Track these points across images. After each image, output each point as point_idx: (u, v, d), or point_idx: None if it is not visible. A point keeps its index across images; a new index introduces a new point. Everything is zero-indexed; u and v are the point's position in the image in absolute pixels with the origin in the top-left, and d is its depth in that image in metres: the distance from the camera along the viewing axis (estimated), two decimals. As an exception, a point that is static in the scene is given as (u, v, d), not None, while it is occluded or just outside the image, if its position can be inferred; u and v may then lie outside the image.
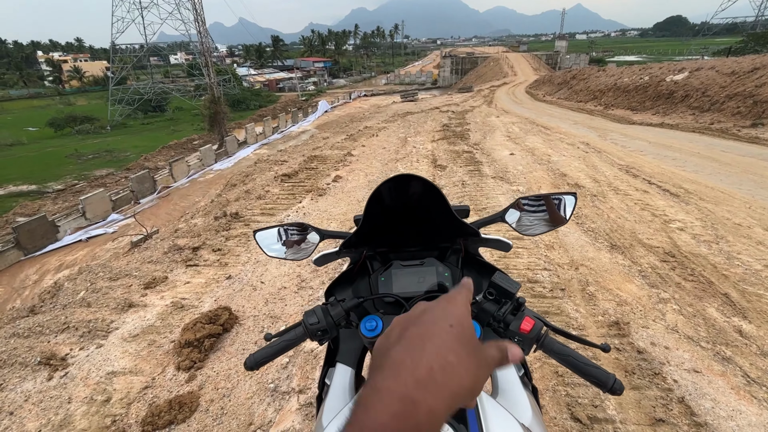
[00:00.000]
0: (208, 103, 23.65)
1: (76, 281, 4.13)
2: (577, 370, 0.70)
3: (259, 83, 57.87)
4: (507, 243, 1.00)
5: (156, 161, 19.96)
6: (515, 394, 0.82)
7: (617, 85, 17.09)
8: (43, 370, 2.60)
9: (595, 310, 2.86)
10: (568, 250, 3.81)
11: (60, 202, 14.75)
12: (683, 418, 1.97)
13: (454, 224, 0.90)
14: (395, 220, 0.92)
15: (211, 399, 2.29)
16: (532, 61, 54.53)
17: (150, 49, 45.47)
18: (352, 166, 7.95)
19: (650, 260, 3.51)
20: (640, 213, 4.62)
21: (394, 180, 0.81)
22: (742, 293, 2.95)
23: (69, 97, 57.31)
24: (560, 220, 0.97)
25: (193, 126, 30.89)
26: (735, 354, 2.35)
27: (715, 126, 10.23)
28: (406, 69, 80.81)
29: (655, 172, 6.24)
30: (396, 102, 30.61)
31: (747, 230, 4.01)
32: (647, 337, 2.53)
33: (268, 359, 0.82)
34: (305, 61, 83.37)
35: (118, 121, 35.81)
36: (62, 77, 71.98)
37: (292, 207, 5.74)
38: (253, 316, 3.11)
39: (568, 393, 2.13)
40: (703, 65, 14.27)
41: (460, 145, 9.13)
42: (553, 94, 22.91)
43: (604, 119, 13.69)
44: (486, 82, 42.12)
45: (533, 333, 0.71)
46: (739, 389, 2.11)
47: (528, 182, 6.02)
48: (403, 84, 60.04)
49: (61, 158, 22.99)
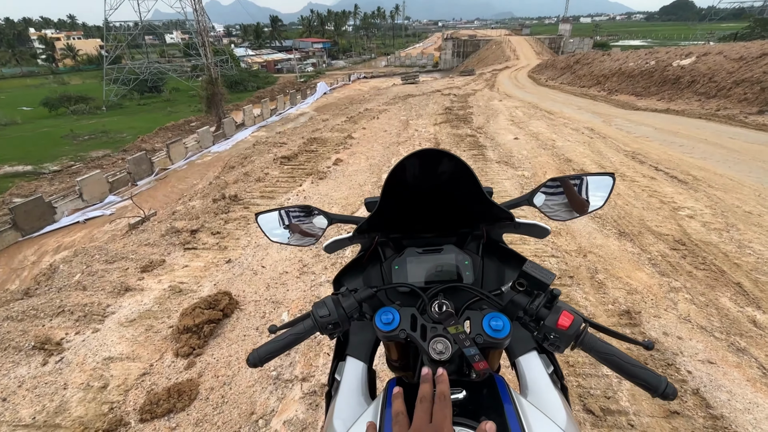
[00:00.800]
0: (205, 84, 23.16)
1: (72, 263, 4.04)
2: (623, 371, 0.62)
3: (257, 64, 56.77)
4: (544, 228, 0.89)
5: (153, 143, 19.65)
6: (546, 394, 0.74)
7: (622, 70, 16.78)
8: (37, 354, 2.53)
9: (605, 298, 2.79)
10: (576, 236, 3.72)
11: (56, 183, 14.55)
12: (699, 410, 1.91)
13: (483, 207, 0.80)
14: (415, 202, 0.81)
15: (211, 387, 2.23)
16: (534, 44, 53.53)
17: (145, 27, 44.30)
18: (352, 149, 7.79)
19: (660, 248, 3.43)
20: (648, 200, 4.52)
21: (417, 155, 0.70)
22: (755, 282, 2.88)
23: (63, 76, 56.15)
24: (594, 203, 0.87)
25: (191, 107, 30.36)
26: (750, 345, 2.29)
27: (721, 112, 10.05)
28: (406, 51, 79.31)
29: (662, 159, 6.12)
30: (396, 84, 30.10)
31: (758, 218, 3.93)
32: (659, 326, 2.47)
33: (274, 354, 0.74)
34: (304, 42, 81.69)
35: (113, 102, 35.13)
36: (55, 55, 70.39)
37: (292, 190, 5.62)
38: (254, 301, 3.03)
39: (579, 384, 2.08)
40: (711, 50, 13.98)
41: (463, 128, 8.96)
42: (556, 79, 22.53)
43: (608, 105, 13.47)
44: (488, 65, 41.41)
45: (572, 329, 0.63)
46: (756, 381, 2.06)
47: (533, 167, 5.90)
48: (404, 66, 59.04)
49: (57, 139, 22.61)
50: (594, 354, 0.65)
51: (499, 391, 0.66)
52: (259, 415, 2.03)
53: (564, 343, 0.65)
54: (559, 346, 0.66)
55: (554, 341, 0.66)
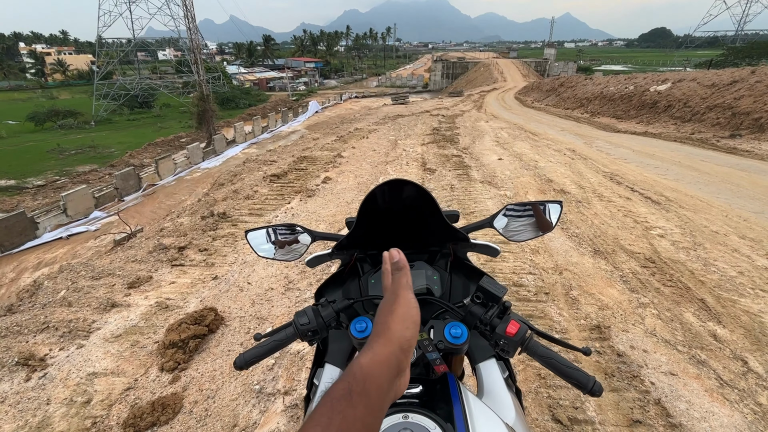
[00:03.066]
0: (196, 101, 23.33)
1: (57, 280, 4.04)
2: (559, 372, 0.72)
3: (250, 82, 57.32)
4: (495, 248, 1.02)
5: (141, 158, 19.59)
6: (500, 395, 0.85)
7: (603, 94, 17.47)
8: (20, 370, 2.54)
9: (578, 314, 2.92)
10: (553, 254, 3.88)
11: (40, 198, 14.35)
12: (659, 419, 2.03)
13: (445, 229, 0.92)
14: (387, 223, 0.94)
15: (195, 400, 2.27)
16: (521, 67, 55.30)
17: (137, 44, 44.64)
18: (341, 168, 7.95)
19: (631, 266, 3.61)
20: (623, 219, 4.73)
21: (388, 184, 0.83)
22: (718, 299, 3.05)
23: (52, 90, 55.81)
24: (547, 226, 1.01)
25: (181, 123, 30.40)
26: (709, 357, 2.44)
27: (695, 136, 10.54)
28: (397, 72, 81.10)
29: (638, 180, 6.40)
30: (387, 104, 30.68)
31: (723, 238, 4.15)
32: (627, 340, 2.60)
33: (258, 359, 0.83)
34: (296, 61, 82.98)
35: (102, 117, 35.02)
36: (45, 70, 70.16)
37: (280, 207, 5.71)
38: (239, 317, 3.09)
39: (550, 395, 2.18)
40: (685, 77, 14.70)
41: (449, 149, 9.21)
42: (542, 101, 23.27)
43: (591, 127, 13.97)
44: (476, 87, 42.54)
45: (518, 336, 0.73)
46: (713, 391, 2.19)
47: (515, 187, 6.11)
48: (394, 86, 60.21)
49: (42, 153, 22.37)
50: (537, 358, 0.76)
51: (450, 387, 0.77)
52: (241, 427, 2.07)
53: (512, 348, 0.76)
54: (508, 351, 0.76)
55: (504, 346, 0.76)
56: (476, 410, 0.70)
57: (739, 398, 2.14)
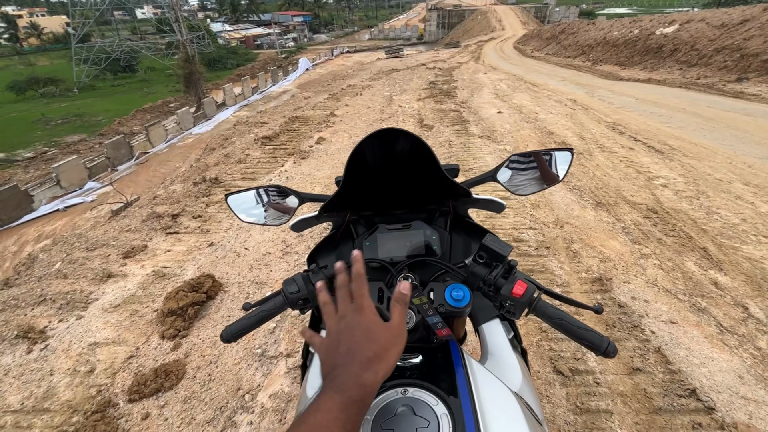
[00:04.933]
0: (182, 63, 22.28)
1: (51, 252, 3.99)
2: (571, 333, 0.67)
3: (236, 40, 54.66)
4: (500, 203, 0.94)
5: (131, 126, 19.02)
6: (504, 358, 0.80)
7: (606, 40, 16.68)
8: (21, 343, 2.54)
9: (579, 267, 2.90)
10: (554, 208, 3.81)
11: (32, 170, 14.10)
12: (659, 366, 2.04)
13: (444, 184, 0.83)
14: (379, 180, 0.84)
15: (197, 366, 2.28)
16: (520, 14, 52.49)
17: (113, 1, 41.97)
18: (335, 127, 7.69)
19: (633, 217, 3.55)
20: (625, 170, 4.62)
21: (377, 135, 0.72)
22: (720, 246, 3.02)
23: (29, 56, 53.24)
24: (554, 178, 0.92)
25: (168, 87, 29.32)
26: (710, 305, 2.43)
27: (701, 81, 10.15)
28: (390, 23, 77.08)
29: (641, 129, 6.21)
30: (380, 58, 29.43)
31: (727, 185, 4.07)
32: (628, 291, 2.59)
33: (246, 330, 0.78)
34: (283, 15, 78.52)
35: (85, 83, 33.65)
36: (18, 35, 66.44)
37: (274, 171, 5.57)
38: (237, 283, 3.07)
39: (551, 347, 2.19)
40: (694, 17, 13.93)
41: (447, 103, 8.89)
42: (542, 50, 22.30)
43: (592, 75, 13.46)
44: (473, 36, 40.62)
45: (525, 297, 0.68)
46: (712, 338, 2.20)
47: (515, 141, 5.93)
48: (388, 39, 57.55)
49: (28, 124, 21.74)
50: (545, 319, 0.70)
51: (452, 355, 0.71)
52: (245, 390, 2.10)
53: (519, 310, 0.70)
54: (515, 312, 0.71)
55: (510, 308, 0.70)
56: (481, 380, 0.65)
57: (738, 343, 2.15)
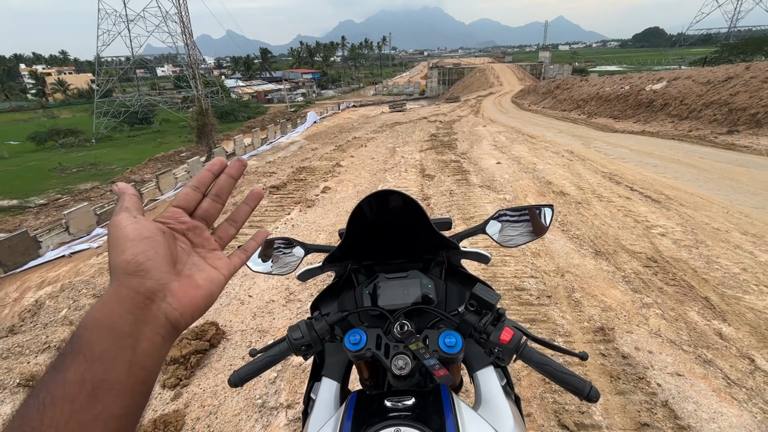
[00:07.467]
0: (195, 115, 23.50)
1: (58, 299, 4.03)
2: (555, 378, 0.71)
3: (248, 95, 57.85)
4: (486, 255, 1.02)
5: (142, 174, 19.70)
6: (498, 404, 0.83)
7: (599, 95, 17.52)
8: (22, 392, 2.52)
9: (581, 316, 2.90)
10: (554, 257, 3.86)
11: (42, 217, 14.44)
12: (667, 421, 2.00)
13: (435, 237, 0.92)
14: (378, 233, 0.93)
15: (197, 417, 2.25)
16: (517, 71, 55.65)
17: (136, 61, 45.22)
18: (340, 177, 7.97)
19: (633, 266, 3.58)
20: (623, 219, 4.71)
21: (375, 196, 0.83)
22: (722, 296, 3.02)
23: (53, 110, 56.41)
24: (540, 230, 1.00)
25: (181, 138, 30.62)
26: (716, 356, 2.41)
27: (693, 133, 10.54)
28: (394, 80, 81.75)
29: (637, 179, 6.39)
30: (384, 112, 30.82)
31: (725, 234, 4.13)
32: (631, 342, 2.57)
33: (252, 375, 0.82)
34: (294, 73, 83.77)
35: (103, 134, 35.34)
36: (46, 90, 70.97)
37: (280, 219, 5.72)
38: (240, 331, 3.07)
39: (555, 400, 2.15)
40: (680, 75, 14.74)
41: (447, 154, 9.24)
42: (538, 104, 23.36)
43: (588, 127, 14.00)
44: (473, 92, 42.79)
45: (513, 343, 0.72)
46: (720, 391, 2.16)
47: (514, 190, 6.10)
48: (392, 95, 60.60)
49: (44, 172, 22.56)
50: (532, 364, 0.75)
51: (442, 399, 0.76)
52: (244, 443, 2.05)
53: (507, 356, 0.75)
54: (504, 359, 0.75)
55: (499, 354, 0.75)
56: (469, 422, 0.69)
57: (747, 397, 2.11)
